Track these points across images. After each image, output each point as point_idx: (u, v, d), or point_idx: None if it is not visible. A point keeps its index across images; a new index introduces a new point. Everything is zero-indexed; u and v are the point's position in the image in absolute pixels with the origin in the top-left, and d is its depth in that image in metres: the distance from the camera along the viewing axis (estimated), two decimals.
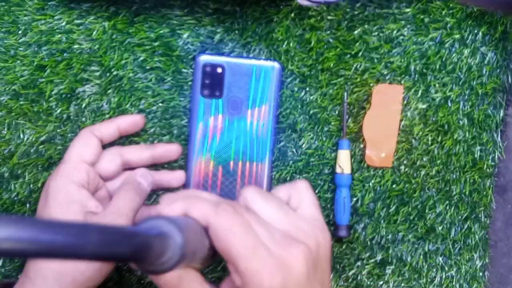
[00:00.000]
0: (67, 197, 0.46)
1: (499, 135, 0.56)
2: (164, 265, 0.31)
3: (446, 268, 0.57)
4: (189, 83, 0.54)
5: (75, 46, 0.53)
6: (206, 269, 0.56)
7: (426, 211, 0.56)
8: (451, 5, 0.54)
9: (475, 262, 0.57)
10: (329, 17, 0.54)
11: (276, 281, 0.35)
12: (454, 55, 0.55)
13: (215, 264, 0.56)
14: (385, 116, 0.54)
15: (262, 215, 0.38)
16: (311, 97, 0.55)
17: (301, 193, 0.42)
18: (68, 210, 0.46)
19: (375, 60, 0.54)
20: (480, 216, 0.57)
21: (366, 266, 0.56)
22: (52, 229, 0.22)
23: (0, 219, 0.21)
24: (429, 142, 0.56)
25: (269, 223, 0.38)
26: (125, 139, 0.53)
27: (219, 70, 0.53)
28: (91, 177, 0.49)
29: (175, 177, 0.54)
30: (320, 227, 0.40)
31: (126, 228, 0.29)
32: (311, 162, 0.55)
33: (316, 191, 0.55)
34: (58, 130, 0.54)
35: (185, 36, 0.53)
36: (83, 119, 0.54)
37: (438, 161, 0.56)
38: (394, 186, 0.56)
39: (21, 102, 0.53)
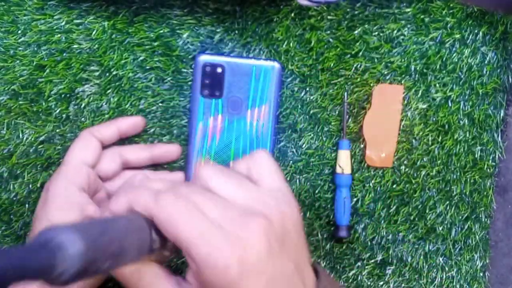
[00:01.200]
0: (66, 201, 0.46)
1: (499, 135, 0.56)
2: (62, 277, 0.28)
3: (447, 269, 0.56)
4: (189, 83, 0.54)
5: (75, 46, 0.53)
6: None
7: (427, 211, 0.56)
8: (451, 5, 0.54)
9: (475, 263, 0.57)
10: (329, 17, 0.54)
11: (231, 260, 0.33)
12: (454, 55, 0.55)
13: None
14: (385, 116, 0.54)
15: (220, 193, 0.36)
16: (311, 97, 0.54)
17: (260, 164, 0.39)
18: (67, 213, 0.45)
19: (376, 60, 0.54)
20: (480, 216, 0.57)
21: (367, 267, 0.56)
22: None
23: None
24: (430, 142, 0.55)
25: (226, 201, 0.36)
26: (125, 139, 0.53)
27: (219, 70, 0.53)
28: (92, 180, 0.48)
29: (174, 178, 0.53)
30: (284, 196, 0.38)
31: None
32: (311, 162, 0.55)
33: (316, 191, 0.55)
34: (58, 130, 0.54)
35: (185, 36, 0.53)
36: (83, 119, 0.53)
37: (439, 161, 0.56)
38: (394, 186, 0.56)
39: (20, 102, 0.53)
